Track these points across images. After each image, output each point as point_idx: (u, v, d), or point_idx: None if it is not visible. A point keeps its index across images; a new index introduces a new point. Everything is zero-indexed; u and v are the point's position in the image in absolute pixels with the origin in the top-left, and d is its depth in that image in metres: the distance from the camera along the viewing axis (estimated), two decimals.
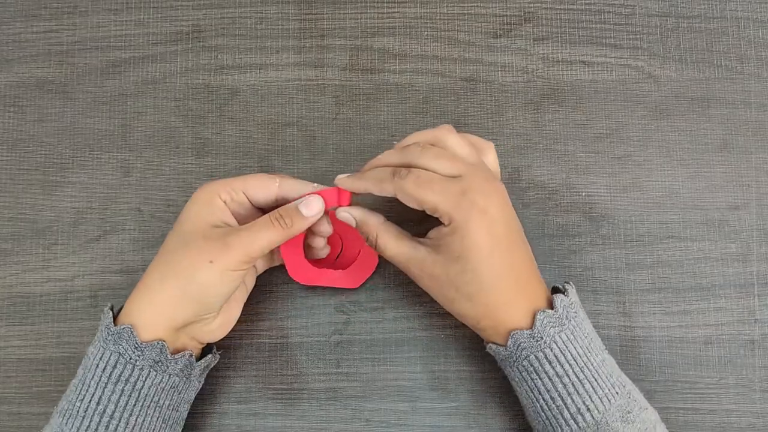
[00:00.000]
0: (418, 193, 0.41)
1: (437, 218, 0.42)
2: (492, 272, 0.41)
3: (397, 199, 0.43)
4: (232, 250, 0.41)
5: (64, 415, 0.41)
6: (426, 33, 0.54)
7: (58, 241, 0.52)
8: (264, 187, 0.44)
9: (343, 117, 0.53)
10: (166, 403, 0.43)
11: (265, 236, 0.42)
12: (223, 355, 0.50)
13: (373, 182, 0.43)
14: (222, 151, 0.53)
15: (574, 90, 0.54)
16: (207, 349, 0.47)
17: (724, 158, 0.53)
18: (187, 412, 0.46)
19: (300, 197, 0.44)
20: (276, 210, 0.43)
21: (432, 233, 0.43)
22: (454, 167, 0.42)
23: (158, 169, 0.53)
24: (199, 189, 0.44)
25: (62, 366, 0.50)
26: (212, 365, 0.47)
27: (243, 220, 0.45)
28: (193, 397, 0.46)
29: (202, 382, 0.46)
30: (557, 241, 0.52)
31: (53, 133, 0.53)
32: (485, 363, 0.50)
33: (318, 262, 0.49)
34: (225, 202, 0.43)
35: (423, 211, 0.42)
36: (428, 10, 0.55)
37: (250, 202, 0.44)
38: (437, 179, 0.42)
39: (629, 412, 0.41)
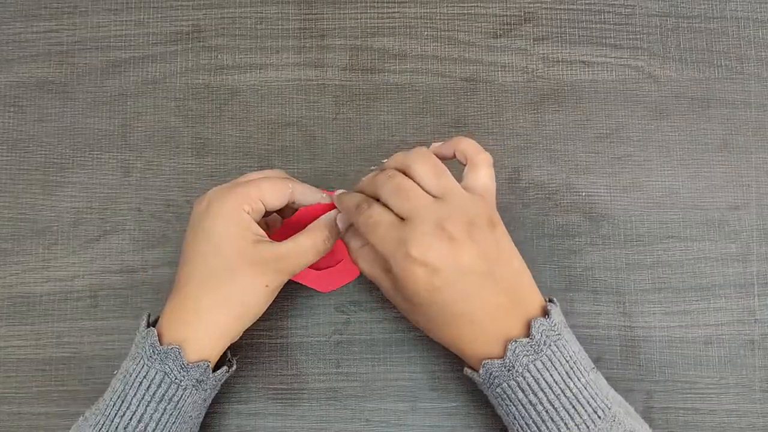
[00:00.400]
0: (366, 234, 0.42)
1: None
2: (442, 317, 0.41)
3: None
4: (285, 274, 0.44)
5: (100, 430, 0.41)
6: (426, 33, 0.54)
7: (58, 241, 0.52)
8: (279, 194, 0.44)
9: (343, 117, 0.53)
10: (195, 414, 0.44)
11: (310, 258, 0.44)
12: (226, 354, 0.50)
13: (345, 209, 0.44)
14: (222, 151, 0.53)
15: (574, 90, 0.54)
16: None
17: (724, 158, 0.53)
18: (203, 415, 0.46)
19: (312, 203, 0.46)
20: (317, 229, 0.44)
21: None
22: (406, 206, 0.41)
23: (158, 169, 0.53)
24: (218, 201, 0.43)
25: (62, 366, 0.50)
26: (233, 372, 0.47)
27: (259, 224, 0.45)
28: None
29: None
30: (557, 241, 0.52)
31: (53, 133, 0.53)
32: None
33: None
34: (248, 213, 0.43)
35: None
36: (428, 10, 0.55)
37: (264, 205, 0.44)
38: (383, 224, 0.41)
39: None
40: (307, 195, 0.45)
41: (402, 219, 0.41)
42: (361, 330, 0.51)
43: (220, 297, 0.42)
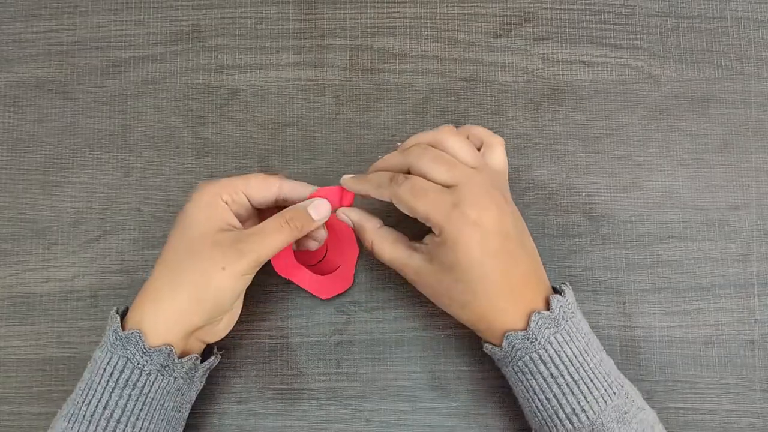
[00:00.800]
0: (411, 203, 0.42)
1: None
2: (484, 284, 0.41)
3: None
4: (245, 256, 0.41)
5: (70, 419, 0.41)
6: (426, 33, 0.54)
7: (58, 241, 0.52)
8: (264, 188, 0.44)
9: (343, 117, 0.53)
10: (170, 405, 0.43)
11: (275, 240, 0.42)
12: (224, 355, 0.50)
13: (372, 186, 0.44)
14: (222, 151, 0.53)
15: (574, 90, 0.54)
16: (207, 349, 0.47)
17: (724, 158, 0.53)
18: (188, 412, 0.46)
19: (303, 199, 0.45)
20: (285, 212, 0.43)
21: (427, 239, 0.44)
22: (450, 174, 0.42)
23: (158, 169, 0.53)
24: (198, 190, 0.44)
25: (62, 366, 0.50)
26: (214, 366, 0.47)
27: (242, 220, 0.45)
28: (195, 397, 0.46)
29: (204, 383, 0.46)
30: (557, 241, 0.52)
31: (53, 133, 0.53)
32: (485, 363, 0.50)
33: (300, 257, 0.49)
34: (227, 203, 0.43)
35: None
36: (428, 10, 0.55)
37: (249, 202, 0.44)
38: (431, 189, 0.42)
39: (626, 413, 0.41)
40: (298, 191, 0.45)
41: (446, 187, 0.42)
42: (361, 330, 0.51)
43: (177, 280, 0.42)
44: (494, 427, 0.49)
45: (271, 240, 0.42)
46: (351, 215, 0.45)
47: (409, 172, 0.43)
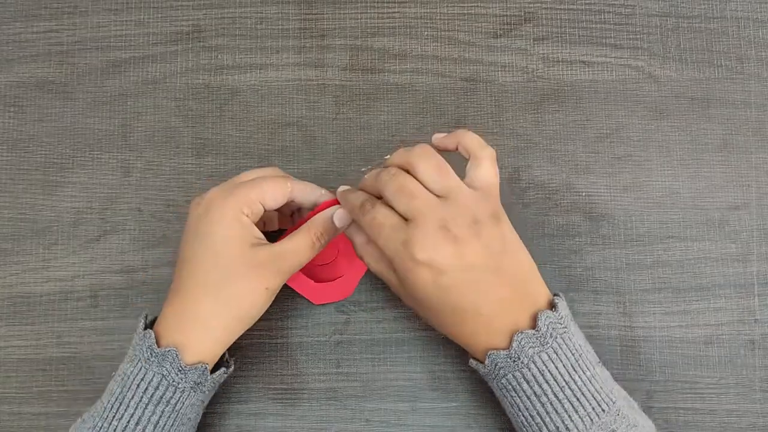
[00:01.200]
0: (371, 235, 0.42)
1: None
2: (447, 316, 0.42)
3: None
4: (283, 275, 0.43)
5: None
6: (426, 33, 0.54)
7: (58, 241, 0.52)
8: (278, 194, 0.44)
9: (343, 117, 0.53)
10: (193, 416, 0.44)
11: (307, 256, 0.44)
12: (223, 355, 0.50)
13: (350, 207, 0.44)
14: (222, 151, 0.53)
15: (574, 90, 0.54)
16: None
17: (724, 158, 0.53)
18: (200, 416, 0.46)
19: (312, 203, 0.45)
20: (313, 227, 0.44)
21: None
22: (408, 207, 0.41)
23: (158, 169, 0.53)
24: (219, 205, 0.43)
25: (62, 366, 0.50)
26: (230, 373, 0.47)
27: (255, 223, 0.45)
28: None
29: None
30: (557, 241, 0.52)
31: (53, 133, 0.53)
32: None
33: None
34: (248, 216, 0.43)
35: None
36: (428, 10, 0.55)
37: (263, 206, 0.44)
38: (386, 226, 0.41)
39: (614, 431, 0.40)
40: (307, 193, 0.45)
41: (406, 219, 0.41)
42: (361, 330, 0.51)
43: (219, 301, 0.42)
44: (494, 427, 0.49)
45: (304, 257, 0.44)
46: (339, 224, 0.45)
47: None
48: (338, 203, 0.45)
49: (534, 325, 0.41)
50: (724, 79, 0.54)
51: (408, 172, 0.42)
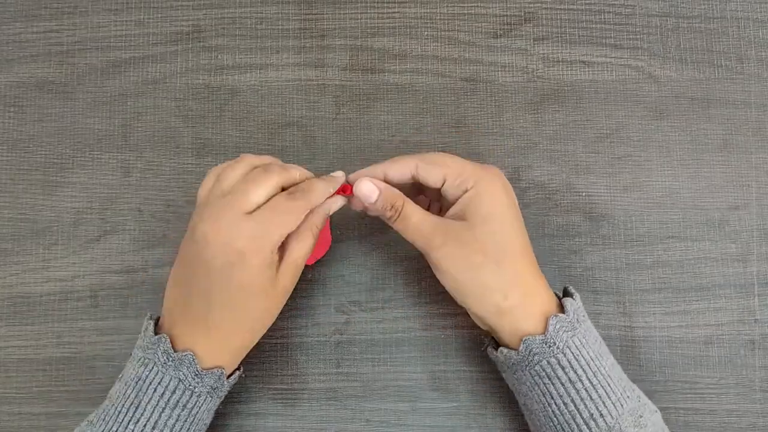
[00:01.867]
0: (444, 158, 0.43)
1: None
2: (517, 237, 0.43)
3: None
4: (290, 290, 0.44)
5: None
6: (426, 33, 0.54)
7: (58, 241, 0.52)
8: (299, 221, 0.43)
9: (343, 117, 0.53)
10: (207, 420, 0.44)
11: (312, 250, 0.44)
12: None
13: (398, 165, 0.44)
14: (222, 151, 0.53)
15: (574, 90, 0.54)
16: None
17: (724, 158, 0.53)
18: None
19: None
20: (314, 225, 0.43)
21: (453, 209, 0.43)
22: (465, 166, 0.44)
23: (158, 169, 0.53)
24: (252, 246, 0.40)
25: (62, 366, 0.50)
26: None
27: None
28: None
29: None
30: (557, 241, 0.52)
31: (53, 133, 0.53)
32: (485, 363, 0.50)
33: None
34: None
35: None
36: (428, 10, 0.55)
37: None
38: (451, 157, 0.44)
39: (641, 416, 0.41)
40: (333, 205, 0.45)
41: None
42: (361, 330, 0.51)
43: (235, 316, 0.42)
44: (494, 427, 0.49)
45: (310, 253, 0.44)
46: (378, 184, 0.44)
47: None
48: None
49: (561, 310, 0.42)
50: (724, 79, 0.54)
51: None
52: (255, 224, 0.40)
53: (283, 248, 0.42)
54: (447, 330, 0.51)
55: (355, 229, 0.52)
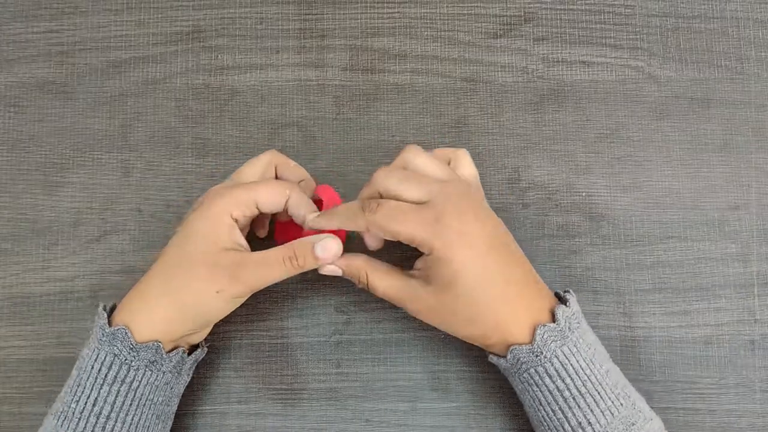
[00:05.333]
0: (392, 227, 0.40)
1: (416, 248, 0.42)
2: (487, 291, 0.41)
3: None
4: (241, 282, 0.41)
5: (59, 417, 0.41)
6: (426, 33, 0.54)
7: (58, 241, 0.52)
8: (274, 200, 0.43)
9: (343, 117, 0.53)
10: (159, 399, 0.43)
11: (275, 273, 0.42)
12: (223, 355, 0.50)
13: (343, 218, 0.42)
14: (222, 151, 0.53)
15: (574, 90, 0.54)
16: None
17: (724, 158, 0.53)
18: (176, 405, 0.46)
19: (301, 217, 0.44)
20: (291, 245, 0.42)
21: (419, 263, 0.43)
22: (422, 190, 0.41)
23: (158, 169, 0.53)
24: (209, 201, 0.43)
25: (62, 366, 0.50)
26: (201, 358, 0.47)
27: (245, 224, 0.45)
28: (183, 390, 0.46)
29: (191, 376, 0.47)
30: (557, 241, 0.52)
31: (53, 133, 0.53)
32: (485, 363, 0.50)
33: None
34: (237, 220, 0.43)
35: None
36: (428, 10, 0.55)
37: (259, 210, 0.44)
38: (409, 209, 0.40)
39: (633, 424, 0.40)
40: (300, 208, 0.44)
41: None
42: (361, 330, 0.51)
43: (169, 291, 0.42)
44: (494, 427, 0.49)
45: (270, 272, 0.42)
46: (338, 263, 0.44)
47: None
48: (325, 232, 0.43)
49: (552, 319, 0.41)
50: (724, 79, 0.54)
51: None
52: (232, 184, 0.44)
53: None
54: None
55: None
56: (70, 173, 0.53)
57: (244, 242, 0.43)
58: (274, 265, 0.42)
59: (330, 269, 0.44)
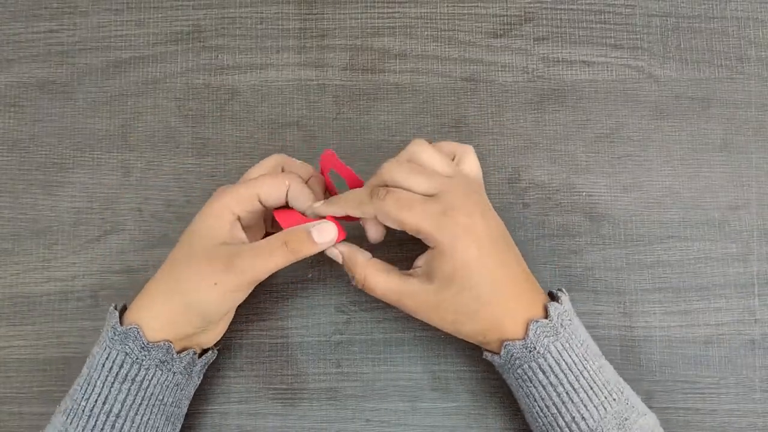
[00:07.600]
0: (399, 215, 0.40)
1: (419, 240, 0.42)
2: (489, 286, 0.41)
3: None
4: (238, 274, 0.41)
5: (69, 414, 0.41)
6: (426, 33, 0.54)
7: (58, 241, 0.52)
8: (275, 193, 0.43)
9: (343, 117, 0.53)
10: (169, 400, 0.43)
11: (270, 262, 0.41)
12: (223, 355, 0.50)
13: (351, 204, 0.42)
14: (222, 151, 0.53)
15: (574, 90, 0.54)
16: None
17: (724, 158, 0.53)
18: (186, 408, 0.46)
19: (304, 206, 0.44)
20: (285, 233, 0.42)
21: (419, 261, 0.43)
22: (430, 184, 0.41)
23: (158, 169, 0.53)
24: (211, 200, 0.44)
25: (63, 366, 0.50)
26: (211, 361, 0.47)
27: (253, 220, 0.45)
28: (193, 393, 0.46)
29: (201, 378, 0.47)
30: (557, 241, 0.52)
31: (53, 133, 0.53)
32: (485, 363, 0.50)
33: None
34: (239, 216, 0.43)
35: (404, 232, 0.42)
36: (428, 10, 0.55)
37: (261, 204, 0.44)
38: (417, 200, 0.41)
39: (626, 419, 0.41)
40: (299, 199, 0.44)
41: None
42: (361, 330, 0.51)
43: (173, 287, 0.42)
44: (494, 427, 0.49)
45: (266, 261, 0.41)
46: (341, 248, 0.44)
47: None
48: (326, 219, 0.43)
49: (545, 315, 0.42)
50: (724, 79, 0.54)
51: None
52: (236, 184, 0.44)
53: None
54: None
55: (355, 229, 0.52)
56: (70, 173, 0.53)
57: (243, 236, 0.43)
58: (269, 253, 0.41)
59: (332, 253, 0.44)
